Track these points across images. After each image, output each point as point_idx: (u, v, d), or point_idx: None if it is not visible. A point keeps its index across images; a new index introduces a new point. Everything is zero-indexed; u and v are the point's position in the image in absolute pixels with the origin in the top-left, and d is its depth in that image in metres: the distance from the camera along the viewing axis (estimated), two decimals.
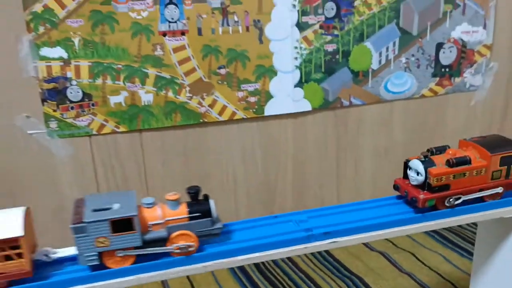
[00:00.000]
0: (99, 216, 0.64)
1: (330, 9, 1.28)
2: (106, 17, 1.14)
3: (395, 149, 1.49)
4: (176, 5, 1.17)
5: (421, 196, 0.75)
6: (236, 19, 1.22)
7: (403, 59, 1.40)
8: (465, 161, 0.77)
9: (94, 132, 1.22)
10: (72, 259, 0.68)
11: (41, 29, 1.11)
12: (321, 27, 1.29)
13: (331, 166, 1.46)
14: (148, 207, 0.68)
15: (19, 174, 1.21)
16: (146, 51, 1.19)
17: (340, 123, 1.42)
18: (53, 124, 1.19)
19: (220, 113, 1.30)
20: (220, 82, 1.27)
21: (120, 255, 0.66)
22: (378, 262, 1.33)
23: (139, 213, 0.66)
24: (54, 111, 1.18)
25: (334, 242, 0.75)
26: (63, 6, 1.11)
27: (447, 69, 1.44)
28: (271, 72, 1.29)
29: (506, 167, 0.79)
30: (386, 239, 1.43)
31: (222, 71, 1.26)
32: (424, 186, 0.76)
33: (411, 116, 1.48)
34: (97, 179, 1.27)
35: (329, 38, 1.31)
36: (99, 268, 0.66)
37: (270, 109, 1.33)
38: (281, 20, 1.25)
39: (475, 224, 1.44)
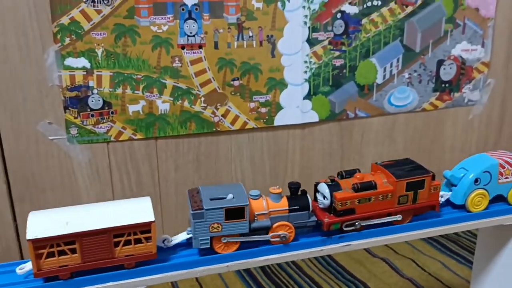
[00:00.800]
0: (216, 204, 0.72)
1: (339, 27, 1.35)
2: (128, 30, 1.19)
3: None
4: (195, 20, 1.23)
5: (326, 220, 0.77)
6: (250, 34, 1.29)
7: (406, 75, 1.47)
8: (370, 186, 0.78)
9: (112, 139, 1.28)
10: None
11: (67, 40, 1.16)
12: (330, 43, 1.36)
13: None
14: (254, 199, 0.76)
15: (39, 178, 1.26)
16: (165, 62, 1.25)
17: (345, 134, 1.48)
18: (74, 131, 1.24)
19: (232, 123, 1.36)
20: (233, 93, 1.33)
21: (231, 241, 0.74)
22: (380, 268, 1.40)
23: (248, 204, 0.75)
24: (75, 118, 1.23)
25: (348, 245, 0.81)
26: (88, 19, 1.16)
27: (447, 85, 1.52)
28: (282, 84, 1.36)
29: (412, 192, 0.80)
30: (387, 245, 1.49)
31: (236, 83, 1.32)
32: (330, 209, 0.78)
33: (412, 128, 1.55)
34: (112, 184, 1.32)
35: (337, 53, 1.38)
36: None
37: (279, 119, 1.39)
38: (293, 35, 1.32)
39: (471, 232, 1.52)
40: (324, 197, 0.77)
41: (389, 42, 1.42)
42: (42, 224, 0.67)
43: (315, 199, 0.80)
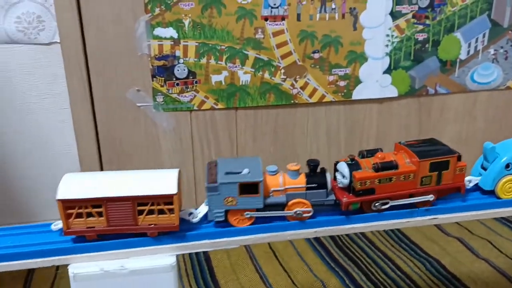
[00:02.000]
0: (230, 179, 0.72)
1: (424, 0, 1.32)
2: (215, 1, 1.22)
3: (475, 137, 1.51)
4: None
5: (344, 199, 0.75)
6: (333, 6, 1.28)
7: (492, 51, 1.42)
8: (392, 166, 0.75)
9: (195, 108, 1.32)
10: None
11: (157, 11, 1.21)
12: (413, 16, 1.33)
13: None
14: (271, 175, 0.75)
15: (126, 142, 1.33)
16: (248, 34, 1.27)
17: (423, 110, 1.46)
18: (160, 98, 1.30)
19: (310, 95, 1.37)
20: (313, 65, 1.34)
21: (247, 216, 0.74)
22: (455, 247, 1.38)
23: (264, 179, 0.73)
24: (162, 86, 1.29)
25: (435, 218, 0.81)
26: None
27: None
28: (362, 58, 1.35)
29: (436, 173, 0.76)
30: (461, 225, 1.47)
31: (316, 55, 1.33)
32: (350, 189, 0.75)
33: (494, 106, 1.50)
34: (193, 151, 1.38)
35: (420, 27, 1.35)
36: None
37: (358, 93, 1.39)
38: (376, 8, 1.30)
39: None
40: (343, 176, 0.75)
41: (476, 16, 1.37)
42: (72, 186, 0.70)
43: (335, 178, 0.78)
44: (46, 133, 1.31)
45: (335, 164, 0.78)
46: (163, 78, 1.28)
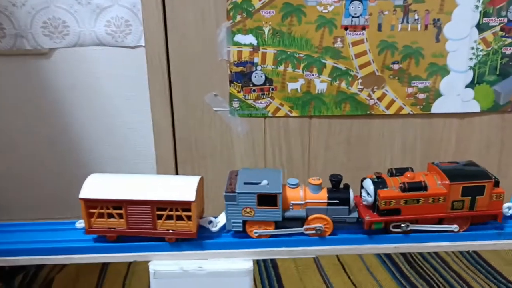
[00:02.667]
0: (248, 189, 0.71)
1: None
2: (295, 10, 1.23)
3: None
4: (361, 1, 1.23)
5: (367, 218, 0.72)
6: (416, 17, 1.25)
7: None
8: (420, 187, 0.71)
9: (270, 114, 1.33)
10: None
11: (238, 18, 1.23)
12: (502, 29, 1.28)
13: (491, 169, 1.44)
14: (292, 187, 0.74)
15: (201, 145, 1.36)
16: (327, 43, 1.26)
17: (507, 127, 1.39)
18: (236, 104, 1.32)
19: (387, 107, 1.34)
20: (391, 77, 1.31)
21: (264, 233, 0.74)
22: None
23: (283, 192, 0.72)
24: (238, 92, 1.30)
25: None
26: None
27: None
28: (444, 71, 1.31)
29: (469, 198, 0.72)
30: None
31: (395, 66, 1.30)
32: (374, 208, 0.73)
33: None
34: (265, 157, 1.39)
35: (509, 40, 1.29)
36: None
37: (437, 107, 1.34)
38: (462, 20, 1.26)
39: None
40: (368, 194, 0.73)
41: None
42: (96, 186, 0.71)
43: (361, 195, 0.76)
44: (126, 132, 1.36)
45: (362, 181, 0.75)
46: (240, 84, 1.30)
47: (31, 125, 1.33)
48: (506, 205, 0.75)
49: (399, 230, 0.73)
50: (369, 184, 0.73)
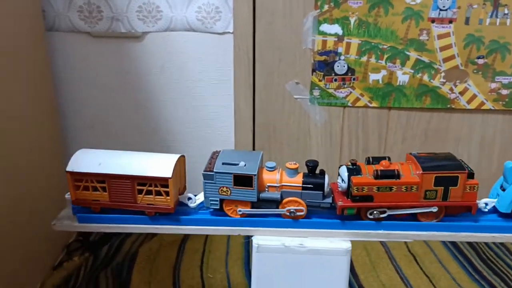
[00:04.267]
0: (225, 169, 0.73)
1: None
2: (383, 1, 1.24)
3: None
4: None
5: (339, 203, 0.73)
6: (506, 11, 1.24)
7: None
8: (392, 174, 0.72)
9: (349, 104, 1.35)
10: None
11: (326, 7, 1.25)
12: None
13: None
14: (269, 170, 0.76)
15: (279, 131, 1.39)
16: (412, 35, 1.27)
17: None
18: (316, 92, 1.34)
19: (469, 102, 1.33)
20: (475, 71, 1.30)
21: (239, 213, 0.76)
22: None
23: (260, 174, 0.74)
24: (320, 81, 1.33)
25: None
26: None
27: None
28: None
29: (442, 188, 0.72)
30: None
31: (480, 61, 1.29)
32: (348, 194, 0.74)
33: None
34: (341, 146, 1.41)
35: None
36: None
37: None
38: None
39: None
40: (343, 180, 0.74)
41: None
42: (82, 160, 0.75)
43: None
44: (208, 116, 1.41)
45: (339, 168, 0.77)
46: (322, 73, 1.32)
47: (119, 105, 1.40)
48: (483, 200, 0.76)
49: (372, 217, 0.75)
50: (344, 171, 0.75)
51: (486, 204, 0.77)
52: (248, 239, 1.40)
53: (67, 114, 1.41)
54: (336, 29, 1.28)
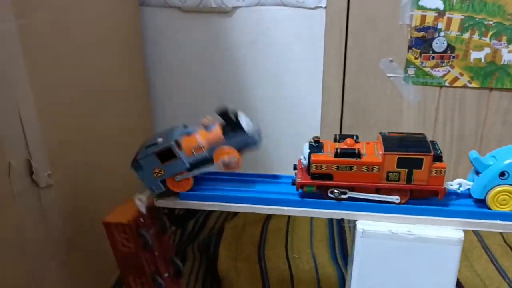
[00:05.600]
0: (146, 152, 0.72)
1: None
2: None
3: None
4: None
5: (298, 180, 0.72)
6: None
7: None
8: (352, 153, 0.70)
9: (446, 84, 1.27)
10: None
11: None
12: None
13: None
14: (188, 135, 0.74)
15: (369, 111, 1.34)
16: None
17: None
18: (411, 71, 1.27)
19: None
20: None
21: (178, 180, 0.75)
22: None
23: (183, 142, 0.73)
24: (416, 58, 1.26)
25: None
26: None
27: None
28: None
29: (406, 170, 0.69)
30: None
31: None
32: (308, 171, 0.72)
33: None
34: (435, 128, 1.34)
35: None
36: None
37: None
38: None
39: None
40: (304, 157, 0.73)
41: None
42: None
43: None
44: (295, 93, 1.38)
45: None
46: (419, 50, 1.25)
47: (206, 80, 1.39)
48: (457, 180, 0.75)
49: (333, 196, 0.73)
50: (305, 148, 0.74)
51: (460, 184, 0.75)
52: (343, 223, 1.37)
53: (156, 86, 1.42)
54: (437, 3, 1.20)
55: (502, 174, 0.71)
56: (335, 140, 0.75)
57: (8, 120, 0.70)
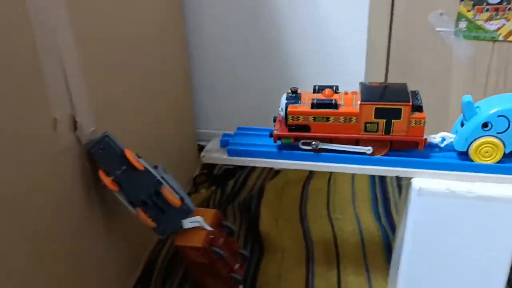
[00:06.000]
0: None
1: None
2: None
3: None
4: None
5: (275, 131, 0.72)
6: None
7: None
8: (329, 104, 0.69)
9: (500, 38, 1.20)
10: None
11: None
12: None
13: None
14: None
15: (416, 67, 1.28)
16: None
17: None
18: (463, 24, 1.20)
19: None
20: None
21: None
22: None
23: None
24: (468, 11, 1.18)
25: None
26: None
27: None
28: None
29: (384, 120, 0.68)
30: None
31: None
32: (286, 122, 0.72)
33: None
34: (486, 86, 1.27)
35: None
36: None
37: None
38: None
39: None
40: (281, 108, 0.72)
41: None
42: None
43: None
44: (338, 48, 1.33)
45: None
46: (472, 2, 1.17)
47: (248, 40, 1.36)
48: (440, 134, 0.74)
49: (308, 147, 0.72)
50: (283, 99, 0.73)
51: (444, 138, 0.74)
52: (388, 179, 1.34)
53: (195, 47, 1.39)
54: None
55: (485, 125, 0.69)
56: (314, 91, 0.74)
57: (52, 71, 0.68)
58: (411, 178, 0.72)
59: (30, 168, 0.63)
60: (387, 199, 1.26)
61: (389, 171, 0.73)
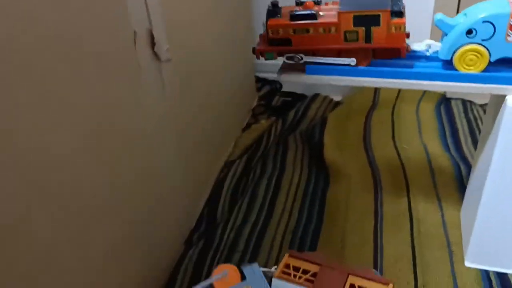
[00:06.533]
0: None
1: None
2: None
3: None
4: None
5: (257, 47, 0.71)
6: None
7: None
8: (308, 15, 0.67)
9: None
10: None
11: None
12: None
13: None
14: None
15: None
16: None
17: None
18: None
19: None
20: None
21: None
22: None
23: None
24: None
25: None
26: None
27: None
28: None
29: (363, 28, 0.66)
30: None
31: None
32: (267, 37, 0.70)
33: None
34: None
35: None
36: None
37: None
38: None
39: None
40: (263, 23, 0.70)
41: None
42: None
43: None
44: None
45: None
46: None
47: None
48: (426, 42, 0.72)
49: (292, 62, 0.71)
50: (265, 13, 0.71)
51: (430, 46, 0.71)
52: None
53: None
54: None
55: (469, 31, 0.65)
56: (297, 4, 0.72)
57: None
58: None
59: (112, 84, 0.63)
60: (456, 130, 1.22)
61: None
